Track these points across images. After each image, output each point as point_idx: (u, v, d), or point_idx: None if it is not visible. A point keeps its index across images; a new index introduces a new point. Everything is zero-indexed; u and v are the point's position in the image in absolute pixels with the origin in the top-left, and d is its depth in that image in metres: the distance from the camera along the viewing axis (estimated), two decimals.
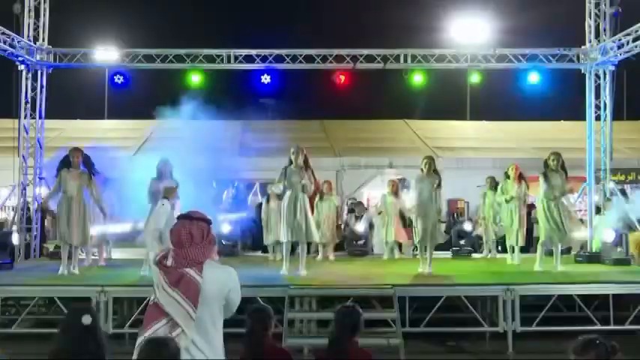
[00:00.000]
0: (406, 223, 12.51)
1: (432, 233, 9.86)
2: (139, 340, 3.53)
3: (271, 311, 4.63)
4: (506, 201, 11.47)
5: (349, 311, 4.64)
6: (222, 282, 3.60)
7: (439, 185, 9.89)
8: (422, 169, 9.97)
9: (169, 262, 3.54)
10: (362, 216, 13.71)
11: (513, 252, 11.67)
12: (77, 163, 9.95)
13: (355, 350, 4.50)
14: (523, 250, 11.80)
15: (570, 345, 3.25)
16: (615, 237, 11.47)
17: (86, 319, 3.61)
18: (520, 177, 11.60)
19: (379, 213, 13.08)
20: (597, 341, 3.20)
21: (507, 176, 11.67)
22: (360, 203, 14.86)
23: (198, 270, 3.49)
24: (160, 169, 9.48)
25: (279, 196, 10.23)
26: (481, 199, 13.10)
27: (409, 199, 11.08)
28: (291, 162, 9.53)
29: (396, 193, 12.76)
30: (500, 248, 12.77)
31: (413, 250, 12.57)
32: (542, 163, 10.49)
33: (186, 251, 3.53)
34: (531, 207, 12.54)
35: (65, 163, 9.99)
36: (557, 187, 10.16)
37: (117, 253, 12.58)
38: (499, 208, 12.01)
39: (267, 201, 12.53)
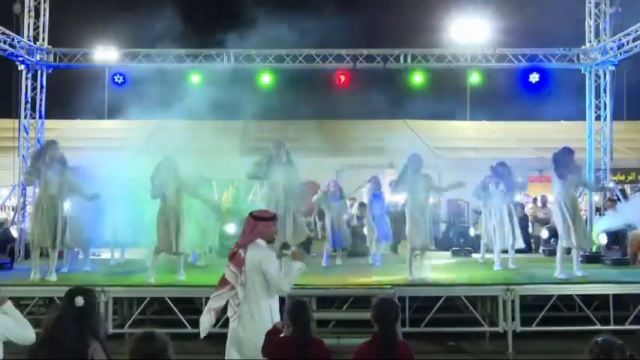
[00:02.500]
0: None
1: (424, 239, 9.21)
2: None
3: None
4: None
5: (390, 302, 4.44)
6: (255, 256, 4.98)
7: (431, 187, 9.37)
8: (407, 166, 9.27)
9: (232, 245, 5.24)
10: (363, 217, 13.68)
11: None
12: (58, 158, 9.19)
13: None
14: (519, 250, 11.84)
15: (587, 345, 3.25)
16: (608, 239, 11.54)
17: (79, 301, 3.63)
18: None
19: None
20: (615, 342, 3.20)
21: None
22: (363, 204, 14.81)
23: (244, 250, 5.01)
24: (161, 168, 9.29)
25: None
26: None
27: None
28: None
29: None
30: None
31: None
32: (547, 161, 10.10)
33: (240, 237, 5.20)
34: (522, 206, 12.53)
35: (43, 157, 9.22)
36: (573, 184, 9.49)
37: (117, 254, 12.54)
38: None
39: None
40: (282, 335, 4.46)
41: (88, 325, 3.62)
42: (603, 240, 11.57)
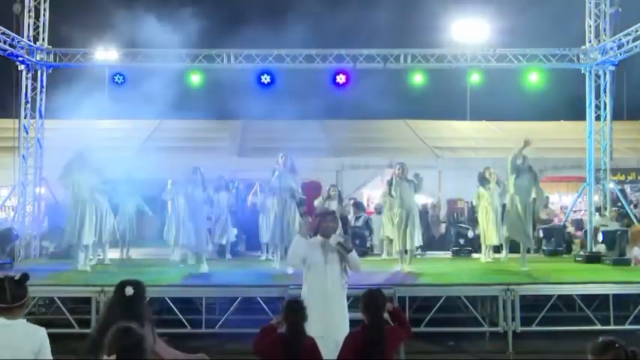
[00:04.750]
0: None
1: (410, 235, 10.23)
2: None
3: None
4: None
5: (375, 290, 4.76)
6: None
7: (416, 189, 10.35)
8: (398, 175, 10.27)
9: None
10: (360, 216, 13.68)
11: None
12: (87, 165, 10.21)
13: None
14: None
15: (588, 345, 3.25)
16: (605, 240, 11.60)
17: (128, 290, 4.10)
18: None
19: (379, 213, 13.10)
20: (616, 344, 3.20)
21: (487, 181, 11.83)
22: (359, 203, 14.81)
23: None
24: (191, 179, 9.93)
25: None
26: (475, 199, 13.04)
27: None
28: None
29: None
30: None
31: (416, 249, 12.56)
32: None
33: None
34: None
35: (76, 164, 10.18)
36: (524, 187, 10.63)
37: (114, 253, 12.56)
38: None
39: None
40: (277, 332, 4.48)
41: (135, 313, 4.00)
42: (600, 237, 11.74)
